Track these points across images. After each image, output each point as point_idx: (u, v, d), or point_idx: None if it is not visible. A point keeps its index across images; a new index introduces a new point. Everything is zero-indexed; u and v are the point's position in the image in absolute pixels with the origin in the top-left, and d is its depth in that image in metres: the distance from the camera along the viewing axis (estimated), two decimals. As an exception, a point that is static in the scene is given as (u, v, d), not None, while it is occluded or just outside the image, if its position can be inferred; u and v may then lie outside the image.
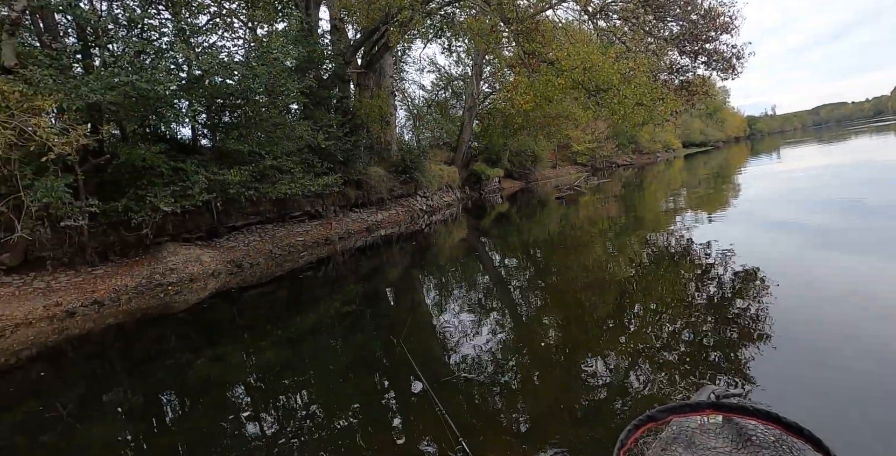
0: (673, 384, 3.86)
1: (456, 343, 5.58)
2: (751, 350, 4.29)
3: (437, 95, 32.62)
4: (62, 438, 4.31)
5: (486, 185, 28.43)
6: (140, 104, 9.38)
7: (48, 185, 7.98)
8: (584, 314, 6.16)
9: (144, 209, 9.70)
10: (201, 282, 10.18)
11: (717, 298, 5.88)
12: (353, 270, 10.81)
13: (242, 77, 11.02)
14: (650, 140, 49.44)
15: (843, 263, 6.52)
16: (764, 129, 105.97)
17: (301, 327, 6.95)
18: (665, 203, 16.47)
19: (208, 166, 11.04)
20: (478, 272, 9.83)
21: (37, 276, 8.94)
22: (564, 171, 38.69)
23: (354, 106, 17.62)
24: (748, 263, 7.09)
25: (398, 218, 18.44)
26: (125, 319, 8.15)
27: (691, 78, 14.52)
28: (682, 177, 27.96)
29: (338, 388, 4.78)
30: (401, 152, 20.96)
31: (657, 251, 9.22)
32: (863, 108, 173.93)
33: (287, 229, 14.10)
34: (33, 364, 6.49)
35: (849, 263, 6.51)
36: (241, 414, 4.43)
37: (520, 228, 15.04)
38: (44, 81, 8.02)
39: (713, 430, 1.04)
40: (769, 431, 1.02)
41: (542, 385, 4.29)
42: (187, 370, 5.69)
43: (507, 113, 21.41)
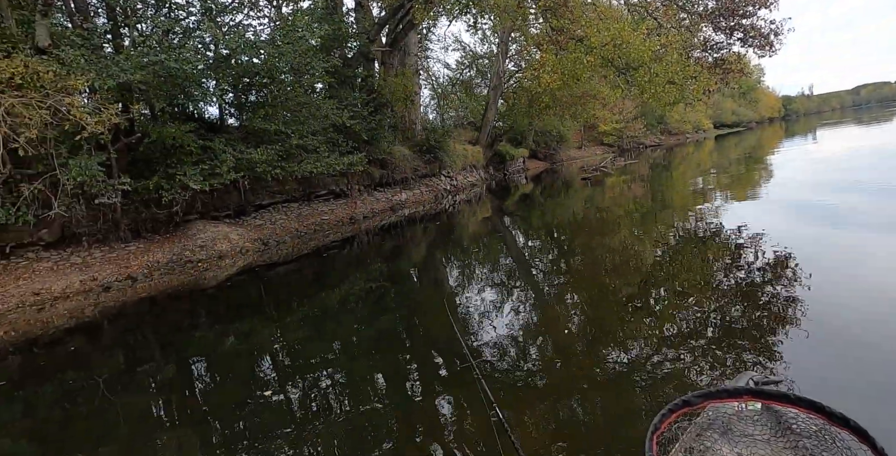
0: (704, 369, 3.82)
1: (477, 326, 5.61)
2: (784, 337, 4.19)
3: (461, 74, 32.25)
4: (100, 406, 4.49)
5: (510, 165, 28.19)
6: (169, 83, 9.49)
7: (82, 164, 8.17)
8: (609, 296, 6.11)
9: (175, 187, 9.90)
10: (230, 259, 10.40)
11: (748, 283, 5.77)
12: (377, 249, 10.90)
13: (268, 56, 11.04)
14: (679, 120, 48.20)
15: (884, 249, 6.33)
16: (800, 109, 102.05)
17: (326, 304, 7.06)
18: (694, 185, 16.13)
19: (236, 145, 11.16)
20: (502, 253, 9.82)
21: (73, 251, 9.23)
22: (590, 151, 38.09)
23: (379, 85, 17.53)
24: (779, 247, 6.92)
25: (422, 198, 18.45)
26: (157, 293, 8.39)
27: (726, 55, 14.01)
28: (713, 158, 27.30)
29: (362, 363, 4.86)
30: (425, 132, 20.86)
31: (685, 234, 9.07)
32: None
33: (312, 208, 14.24)
34: (71, 336, 6.75)
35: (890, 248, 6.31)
36: (267, 386, 4.56)
37: (544, 209, 14.93)
38: (76, 61, 8.16)
39: (751, 417, 1.01)
40: (811, 421, 0.99)
41: (567, 367, 4.29)
42: (216, 344, 5.85)
43: (534, 92, 21.04)
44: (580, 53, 12.65)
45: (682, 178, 19.25)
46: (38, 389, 5.11)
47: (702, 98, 15.76)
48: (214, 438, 3.69)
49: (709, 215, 10.19)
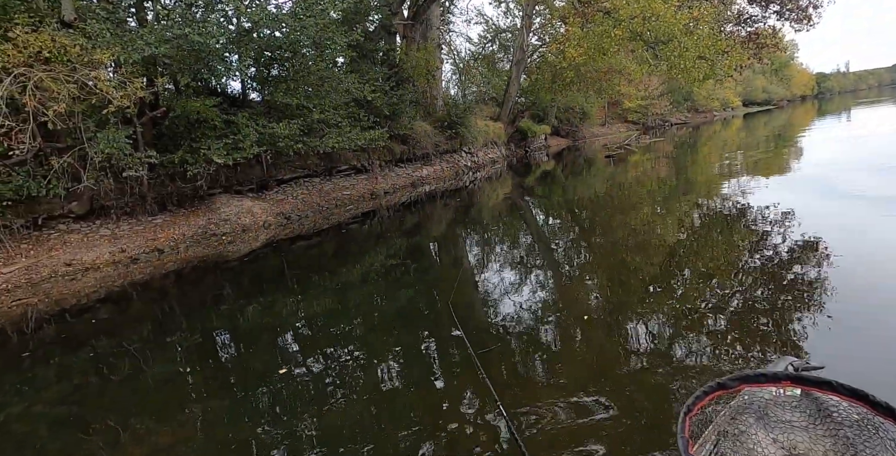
0: (728, 355, 3.76)
1: (499, 301, 5.64)
2: (813, 322, 4.11)
3: (483, 48, 31.68)
4: (130, 374, 4.65)
5: (531, 142, 27.84)
6: (192, 57, 9.50)
7: (110, 137, 8.29)
8: (631, 277, 6.06)
9: (199, 161, 10.01)
10: (253, 233, 10.55)
11: (775, 264, 5.67)
12: (397, 225, 10.95)
13: (290, 29, 10.95)
14: (707, 97, 46.86)
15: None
16: (834, 87, 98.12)
17: (347, 279, 7.15)
18: (720, 165, 15.78)
19: (258, 120, 11.20)
20: (522, 231, 9.80)
21: (102, 224, 9.45)
22: (614, 129, 37.40)
23: (400, 59, 17.33)
24: (808, 228, 6.77)
25: (443, 174, 18.39)
26: (183, 266, 8.58)
27: (760, 29, 13.48)
28: (740, 137, 26.60)
29: (381, 339, 4.93)
30: (446, 107, 20.64)
31: (710, 214, 8.93)
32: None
33: (333, 183, 14.31)
34: (102, 305, 6.96)
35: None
36: (289, 358, 4.68)
37: (565, 187, 14.78)
38: (101, 35, 8.20)
39: (789, 403, 0.99)
40: (853, 409, 0.95)
41: (587, 348, 4.29)
42: (240, 316, 5.98)
43: (558, 67, 20.58)
44: (607, 26, 12.29)
45: (708, 157, 18.83)
46: (72, 355, 5.30)
47: (732, 74, 15.27)
48: (239, 406, 3.80)
49: (734, 195, 9.99)
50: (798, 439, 0.95)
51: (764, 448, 1.02)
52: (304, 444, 3.22)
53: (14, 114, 7.58)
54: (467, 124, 20.17)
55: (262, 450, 3.20)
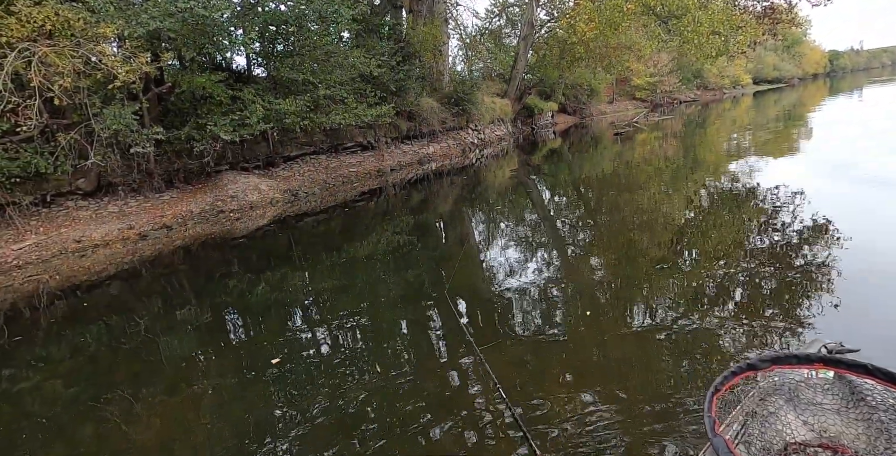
0: (737, 337, 3.77)
1: (502, 282, 5.64)
2: (820, 304, 4.10)
3: (490, 23, 31.07)
4: (141, 348, 4.72)
5: (538, 119, 27.53)
6: (197, 32, 9.35)
7: (116, 113, 8.24)
8: (638, 257, 6.03)
9: (205, 138, 9.95)
10: (260, 209, 10.56)
11: (784, 246, 5.65)
12: (403, 202, 10.94)
13: (295, 3, 10.76)
14: (717, 75, 46.07)
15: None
16: (847, 65, 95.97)
17: (354, 256, 7.18)
18: (728, 144, 15.61)
19: (264, 96, 11.09)
20: (527, 209, 9.77)
21: (110, 200, 9.46)
22: (622, 106, 36.90)
23: (407, 33, 17.04)
24: (817, 209, 6.72)
25: (449, 151, 18.26)
26: (191, 242, 8.61)
27: (776, 3, 13.14)
28: (750, 116, 26.24)
29: (386, 317, 4.97)
30: (453, 83, 20.37)
31: (717, 193, 8.86)
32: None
33: (339, 160, 14.24)
34: (112, 281, 7.02)
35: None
36: (296, 332, 4.74)
37: (572, 165, 14.67)
38: (105, 8, 8.07)
39: (821, 385, 0.98)
40: (889, 393, 0.93)
41: (594, 330, 4.30)
42: (248, 292, 6.02)
43: (567, 42, 20.21)
44: (620, 0, 12.02)
45: (717, 135, 18.60)
46: (84, 331, 5.37)
47: (746, 50, 14.97)
48: (247, 384, 3.86)
49: (742, 174, 9.91)
50: (829, 422, 0.94)
51: (794, 430, 1.01)
52: (308, 422, 3.25)
53: (20, 90, 7.52)
54: (474, 101, 19.94)
55: (262, 428, 3.25)
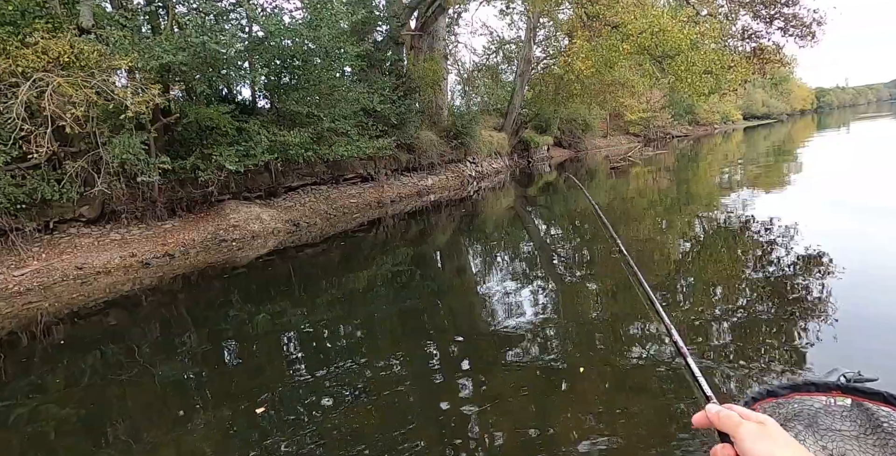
0: (737, 367, 3.79)
1: (497, 308, 5.69)
2: (818, 334, 4.16)
3: (488, 60, 31.91)
4: (137, 377, 4.69)
5: (534, 152, 27.97)
6: (207, 65, 9.62)
7: (125, 142, 8.38)
8: (633, 288, 6.08)
9: (210, 167, 10.09)
10: (261, 239, 10.61)
11: (779, 277, 5.75)
12: (402, 233, 11.03)
13: (302, 39, 11.09)
14: (708, 111, 47.14)
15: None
16: (833, 101, 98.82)
17: (353, 286, 7.22)
18: (721, 178, 15.92)
19: (269, 127, 11.31)
20: (524, 241, 9.87)
21: (113, 228, 9.51)
22: (616, 140, 37.57)
23: (408, 69, 17.49)
24: (811, 241, 6.85)
25: (448, 183, 18.48)
26: (192, 271, 8.62)
27: (765, 44, 13.67)
28: (741, 150, 26.81)
29: (386, 346, 4.98)
30: (451, 117, 20.77)
31: (712, 226, 9.01)
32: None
33: (340, 191, 14.39)
34: (112, 309, 7.01)
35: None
36: (294, 364, 4.73)
37: (567, 198, 14.87)
38: (120, 42, 8.32)
39: (839, 412, 1.02)
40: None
41: (590, 361, 4.32)
42: (248, 322, 6.02)
43: (563, 79, 20.79)
44: (615, 41, 12.47)
45: (710, 169, 18.97)
46: (81, 359, 5.34)
47: (737, 89, 15.46)
48: (243, 413, 3.81)
49: (735, 207, 10.12)
50: (847, 448, 0.98)
51: (814, 455, 1.04)
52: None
53: (31, 118, 7.67)
54: (472, 134, 20.30)
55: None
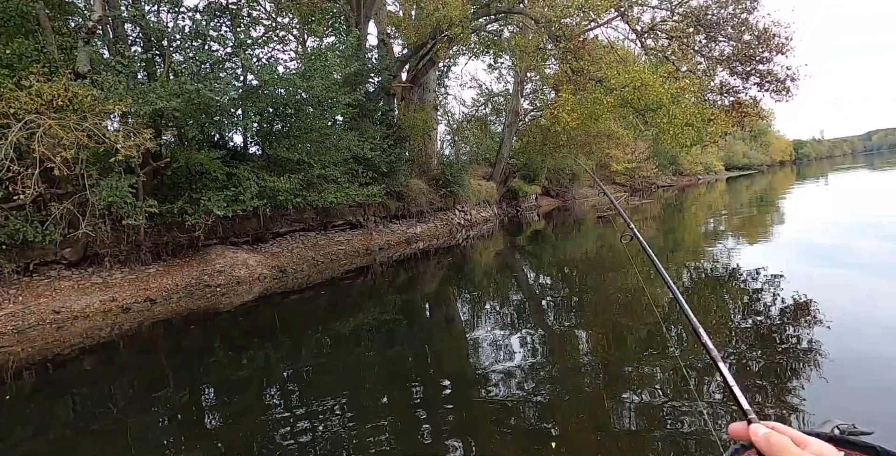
0: (724, 417, 3.73)
1: (487, 359, 5.54)
2: (807, 382, 4.14)
3: (476, 111, 32.86)
4: (109, 428, 4.45)
5: (522, 201, 28.35)
6: (200, 111, 9.77)
7: (113, 185, 8.36)
8: (625, 339, 6.01)
9: (198, 212, 10.04)
10: (247, 285, 10.42)
11: (767, 326, 5.71)
12: (390, 281, 10.91)
13: (295, 88, 11.35)
14: (691, 162, 48.51)
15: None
16: (811, 153, 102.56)
17: (339, 335, 7.03)
18: (705, 226, 16.14)
19: (259, 173, 11.37)
20: (513, 289, 9.78)
21: (95, 271, 9.32)
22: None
23: (399, 119, 17.91)
24: (797, 289, 6.86)
25: (436, 231, 18.52)
26: (174, 317, 8.40)
27: (743, 99, 14.24)
28: (724, 200, 27.35)
29: (370, 396, 4.80)
30: (441, 166, 21.11)
31: (699, 275, 9.03)
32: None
33: (329, 238, 14.34)
34: (88, 355, 6.75)
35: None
36: (276, 415, 4.50)
37: (556, 246, 14.93)
38: (115, 87, 8.45)
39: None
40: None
41: (580, 413, 4.20)
42: (229, 371, 5.81)
43: (550, 130, 21.39)
44: (599, 94, 12.93)
45: (695, 218, 19.26)
46: (51, 408, 5.08)
47: (718, 141, 15.94)
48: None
49: (721, 256, 10.18)
50: None
51: None
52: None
53: (20, 159, 7.66)
54: (461, 183, 20.57)
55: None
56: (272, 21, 17.55)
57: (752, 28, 13.37)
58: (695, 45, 14.46)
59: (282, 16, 17.85)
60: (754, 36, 13.33)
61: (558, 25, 13.20)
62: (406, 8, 19.13)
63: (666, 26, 14.84)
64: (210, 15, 10.58)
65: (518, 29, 19.05)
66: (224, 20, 11.29)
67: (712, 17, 13.67)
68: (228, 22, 11.42)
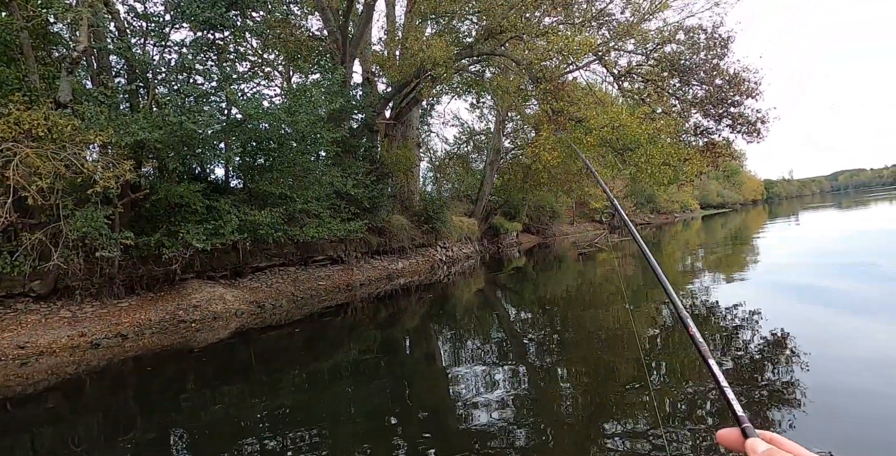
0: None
1: (468, 397, 5.39)
2: (790, 418, 4.11)
3: (458, 149, 33.37)
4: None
5: (503, 238, 28.50)
6: (182, 144, 9.72)
7: (88, 216, 8.16)
8: (602, 375, 5.94)
9: (176, 245, 9.82)
10: (223, 320, 10.13)
11: (746, 362, 5.70)
12: (371, 317, 10.73)
13: (279, 122, 11.41)
14: (668, 200, 49.61)
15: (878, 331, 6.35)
16: (781, 192, 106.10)
17: (318, 372, 6.82)
18: (683, 263, 16.34)
19: (240, 206, 11.25)
20: (494, 327, 9.65)
21: (64, 305, 8.98)
22: (582, 227, 38.73)
23: (382, 155, 18.06)
24: (774, 326, 6.90)
25: (418, 267, 18.41)
26: (146, 353, 8.08)
27: (716, 140, 14.76)
28: (701, 238, 27.84)
29: (348, 438, 4.61)
30: (423, 202, 21.22)
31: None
32: (881, 174, 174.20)
33: (309, 273, 14.13)
34: (52, 394, 6.42)
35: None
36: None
37: (537, 283, 14.91)
38: (96, 117, 8.39)
39: None
40: None
41: (555, 450, 4.09)
42: (201, 410, 5.58)
43: (532, 168, 21.78)
44: (579, 134, 13.25)
45: (673, 256, 19.50)
46: (9, 447, 4.78)
47: (694, 180, 16.36)
48: None
49: (699, 293, 10.26)
50: None
51: None
52: None
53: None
54: (443, 219, 20.64)
55: None
56: (258, 57, 17.81)
57: (723, 73, 13.99)
58: (669, 89, 15.02)
59: (268, 52, 18.13)
60: (725, 80, 13.93)
61: (538, 67, 13.60)
62: (391, 48, 19.61)
63: (642, 70, 15.43)
64: (197, 49, 10.68)
65: (499, 70, 19.61)
66: (210, 55, 11.40)
67: (685, 63, 14.27)
68: (215, 56, 11.53)
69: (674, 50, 14.67)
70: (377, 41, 21.87)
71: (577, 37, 12.40)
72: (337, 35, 16.59)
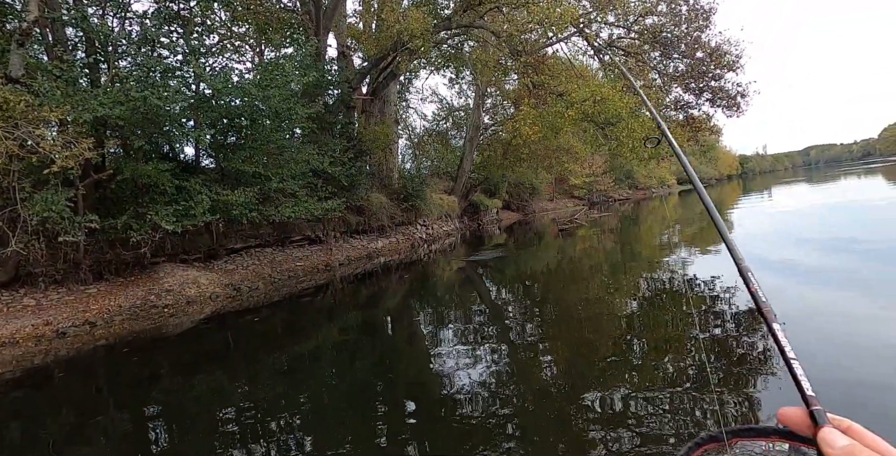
0: (687, 423, 3.67)
1: (451, 376, 5.29)
2: (764, 387, 4.14)
3: (437, 125, 32.90)
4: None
5: (484, 215, 28.38)
6: (147, 121, 9.22)
7: (48, 199, 7.71)
8: (584, 349, 5.91)
9: (144, 227, 9.40)
10: (198, 305, 9.82)
11: (723, 333, 5.70)
12: (351, 298, 10.54)
13: (251, 98, 10.93)
14: (646, 176, 49.96)
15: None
16: (756, 167, 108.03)
17: (297, 355, 6.63)
18: (661, 238, 16.42)
19: (212, 186, 10.81)
20: (476, 303, 9.55)
21: (27, 293, 8.57)
22: (561, 204, 38.82)
23: (359, 132, 17.61)
24: (746, 299, 6.89)
25: (398, 246, 18.19)
26: (117, 340, 7.77)
27: (696, 114, 14.69)
28: (678, 213, 28.09)
29: (331, 421, 4.46)
30: (402, 180, 20.89)
31: (657, 285, 9.06)
32: (851, 149, 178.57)
33: (286, 254, 13.81)
34: (15, 387, 6.12)
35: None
36: (228, 446, 4.10)
37: (517, 259, 14.84)
38: (51, 93, 7.86)
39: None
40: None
41: (544, 425, 4.01)
42: (177, 398, 5.37)
43: (511, 144, 21.54)
44: (561, 108, 13.03)
45: (651, 230, 19.62)
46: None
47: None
48: None
49: (676, 266, 10.32)
50: None
51: None
52: None
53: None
54: (423, 197, 20.37)
55: None
56: (227, 30, 17.04)
57: (705, 46, 13.83)
58: (651, 62, 14.83)
59: (237, 25, 17.33)
60: (706, 53, 13.78)
61: (518, 40, 13.26)
62: (367, 20, 18.98)
63: (623, 43, 15.19)
64: (160, 21, 10.08)
65: (479, 44, 19.17)
66: (175, 27, 10.78)
67: (667, 35, 14.06)
68: (180, 29, 10.91)
69: (655, 22, 14.44)
70: (352, 13, 21.18)
71: (558, 7, 12.04)
72: (310, 6, 15.95)
